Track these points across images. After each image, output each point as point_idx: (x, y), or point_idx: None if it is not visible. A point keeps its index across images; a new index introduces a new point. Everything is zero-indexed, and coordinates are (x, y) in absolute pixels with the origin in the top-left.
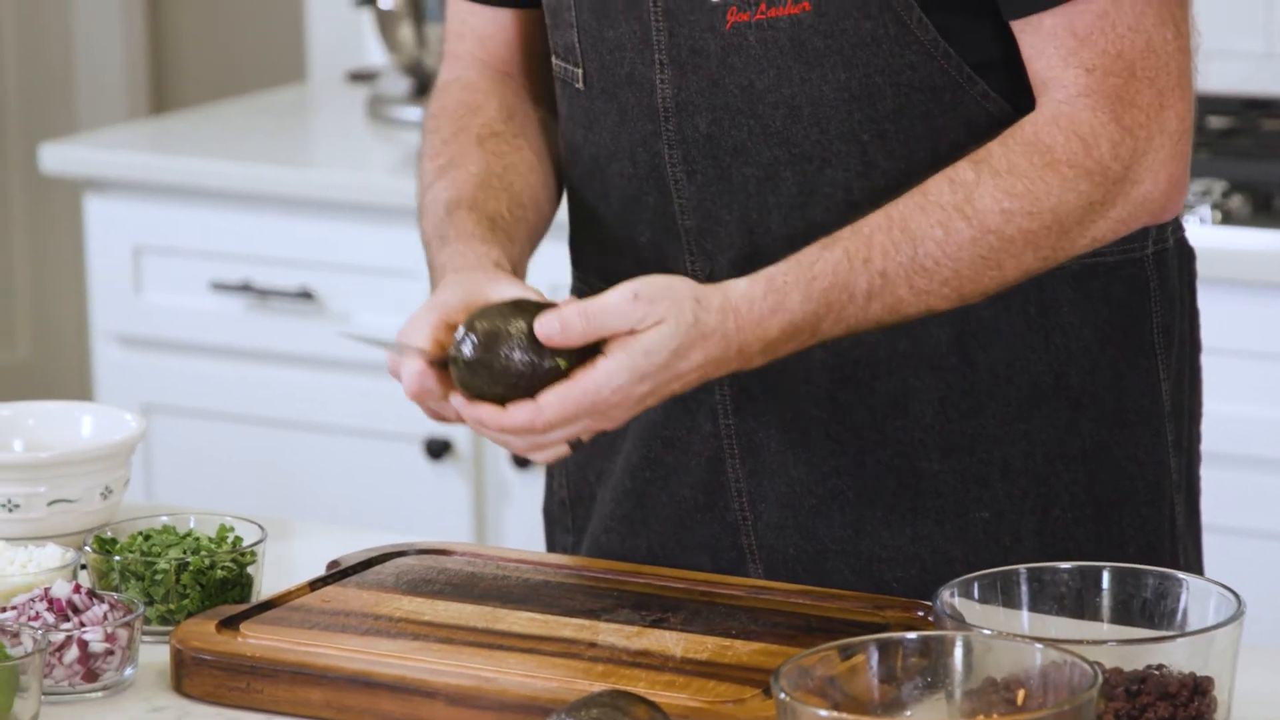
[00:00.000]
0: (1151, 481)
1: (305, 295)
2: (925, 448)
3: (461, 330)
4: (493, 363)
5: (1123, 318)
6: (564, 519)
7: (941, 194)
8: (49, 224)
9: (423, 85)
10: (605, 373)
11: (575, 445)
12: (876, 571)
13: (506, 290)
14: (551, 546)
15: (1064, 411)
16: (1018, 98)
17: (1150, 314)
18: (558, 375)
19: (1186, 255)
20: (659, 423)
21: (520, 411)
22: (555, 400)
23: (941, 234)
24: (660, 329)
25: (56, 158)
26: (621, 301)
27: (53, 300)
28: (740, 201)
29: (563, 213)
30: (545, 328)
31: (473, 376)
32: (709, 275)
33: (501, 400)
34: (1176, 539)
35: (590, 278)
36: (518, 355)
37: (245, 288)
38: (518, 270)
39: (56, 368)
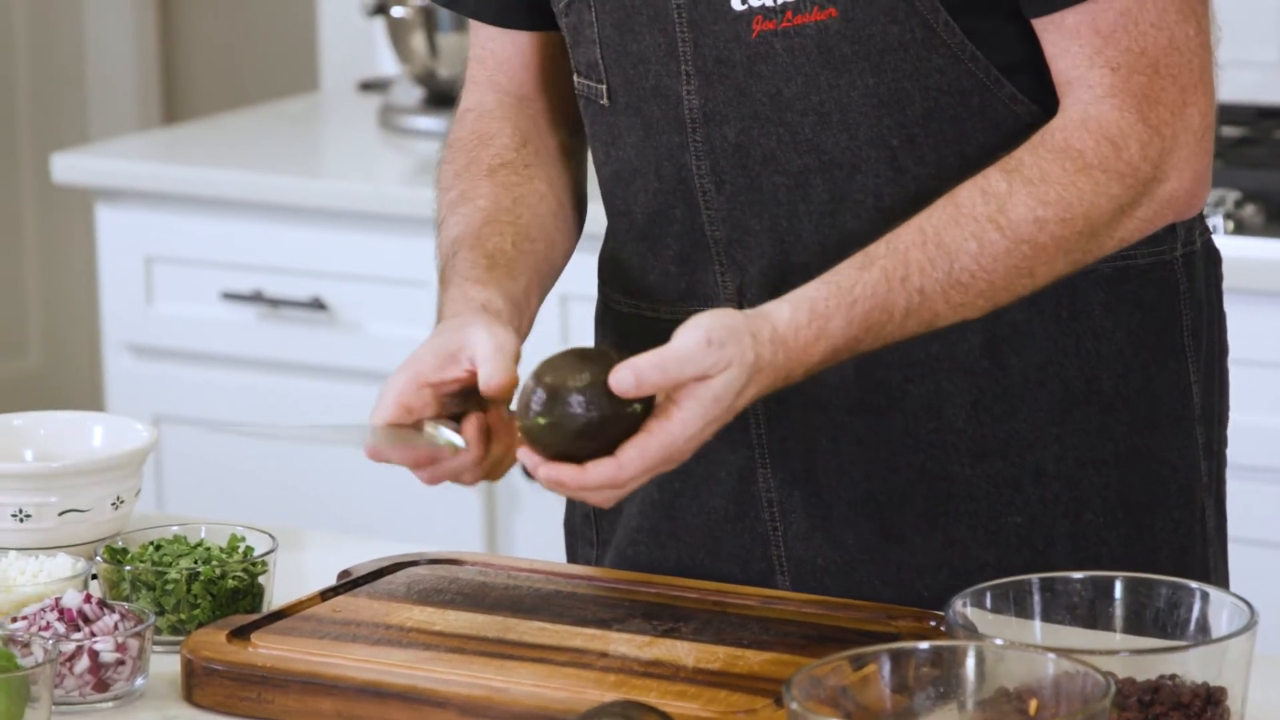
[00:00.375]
0: (1184, 485)
1: (317, 305)
2: (957, 452)
3: (530, 386)
4: (564, 421)
5: (1153, 320)
6: (587, 532)
7: (974, 205)
8: (60, 234)
9: (435, 95)
10: (681, 423)
11: None
12: (906, 579)
13: (480, 335)
14: (573, 559)
15: (1096, 415)
16: (1045, 99)
17: (1180, 316)
18: (634, 421)
19: (1214, 258)
20: None
21: (601, 470)
22: (636, 455)
23: (976, 247)
24: (728, 374)
25: (68, 168)
26: (697, 349)
27: (64, 310)
28: (770, 210)
29: (592, 225)
30: (621, 382)
31: (552, 435)
32: (739, 286)
33: (576, 452)
34: (1208, 542)
35: (615, 294)
36: (590, 410)
37: (257, 297)
38: (524, 303)
39: (68, 377)
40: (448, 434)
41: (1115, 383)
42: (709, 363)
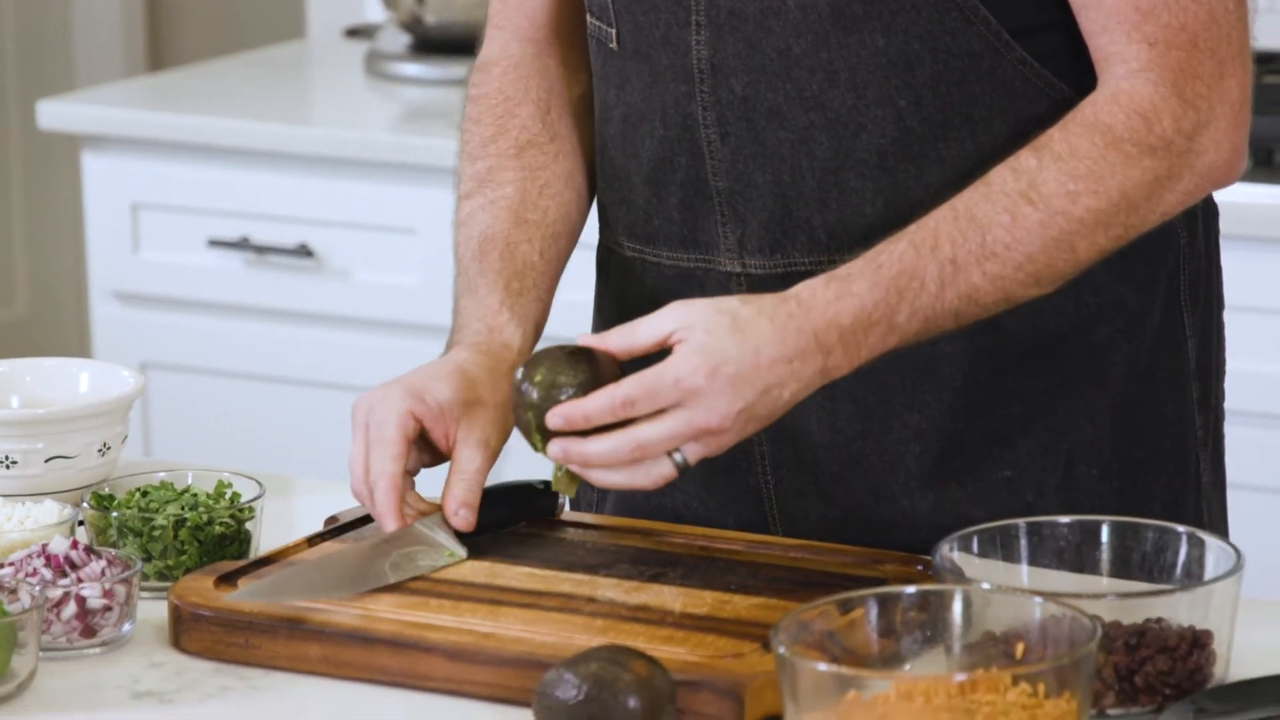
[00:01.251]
0: (1178, 439)
1: (304, 252)
2: (952, 411)
3: (520, 376)
4: (559, 394)
5: (1153, 275)
6: None
7: (1005, 182)
8: (46, 181)
9: (421, 41)
10: (679, 355)
11: (684, 469)
12: (898, 537)
13: (474, 437)
14: (575, 500)
15: (1090, 368)
16: (1054, 63)
17: (1179, 270)
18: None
19: (1211, 212)
20: None
21: (599, 396)
22: (632, 380)
23: (1009, 219)
24: (711, 311)
25: (54, 114)
26: (654, 314)
27: (50, 257)
28: (774, 165)
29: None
30: (586, 338)
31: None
32: (739, 238)
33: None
34: (1201, 497)
35: (619, 237)
36: (579, 373)
37: (243, 244)
38: (542, 320)
39: (54, 324)
40: (450, 543)
41: (1112, 336)
42: (672, 318)
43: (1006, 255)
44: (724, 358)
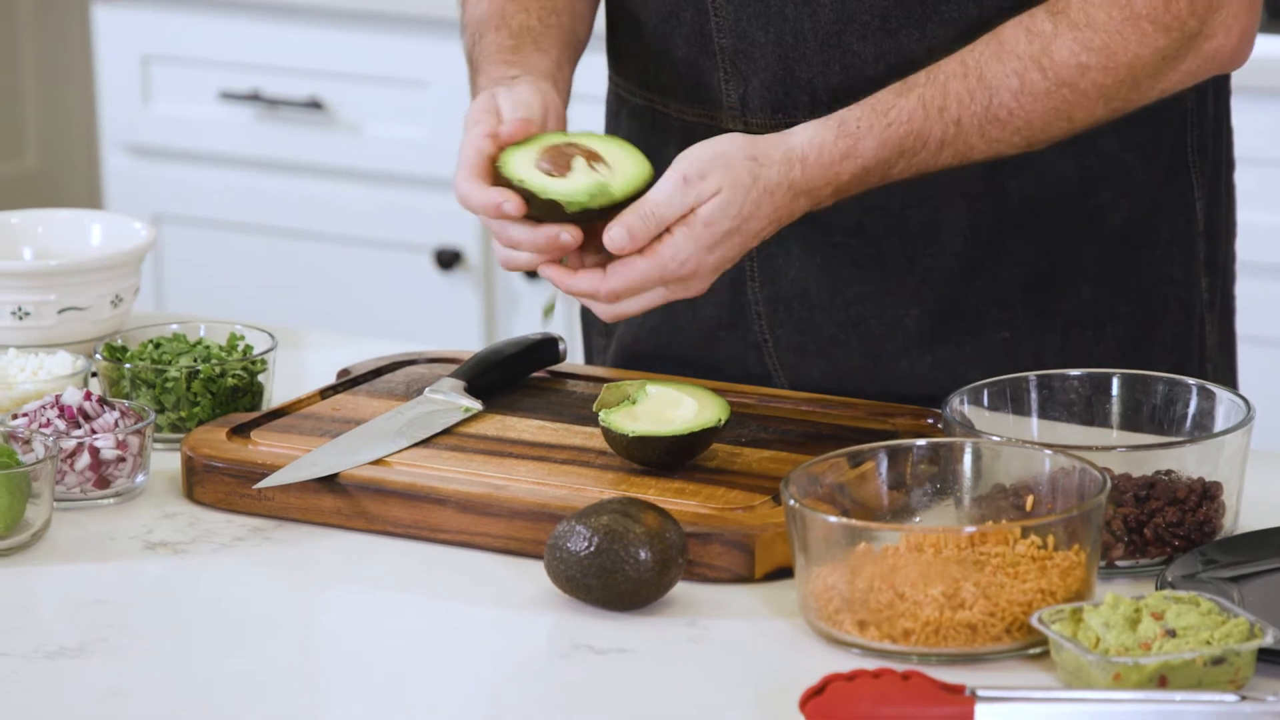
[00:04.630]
0: (1184, 300)
1: (314, 105)
2: (951, 274)
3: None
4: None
5: (1159, 137)
6: (597, 321)
7: (1018, 43)
8: (58, 33)
9: None
10: (671, 245)
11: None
12: (896, 394)
13: (510, 103)
14: (587, 348)
15: (1090, 231)
16: None
17: (1186, 132)
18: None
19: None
20: None
21: (587, 278)
22: (621, 270)
23: (1017, 84)
24: (717, 199)
25: None
26: (673, 189)
27: (62, 109)
28: (776, 25)
29: (599, 22)
30: (615, 240)
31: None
32: (742, 95)
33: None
34: (1206, 358)
35: (630, 84)
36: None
37: (254, 97)
38: (556, 74)
39: (66, 176)
40: (464, 400)
41: (1113, 199)
42: (690, 199)
43: (1008, 120)
44: (714, 247)
